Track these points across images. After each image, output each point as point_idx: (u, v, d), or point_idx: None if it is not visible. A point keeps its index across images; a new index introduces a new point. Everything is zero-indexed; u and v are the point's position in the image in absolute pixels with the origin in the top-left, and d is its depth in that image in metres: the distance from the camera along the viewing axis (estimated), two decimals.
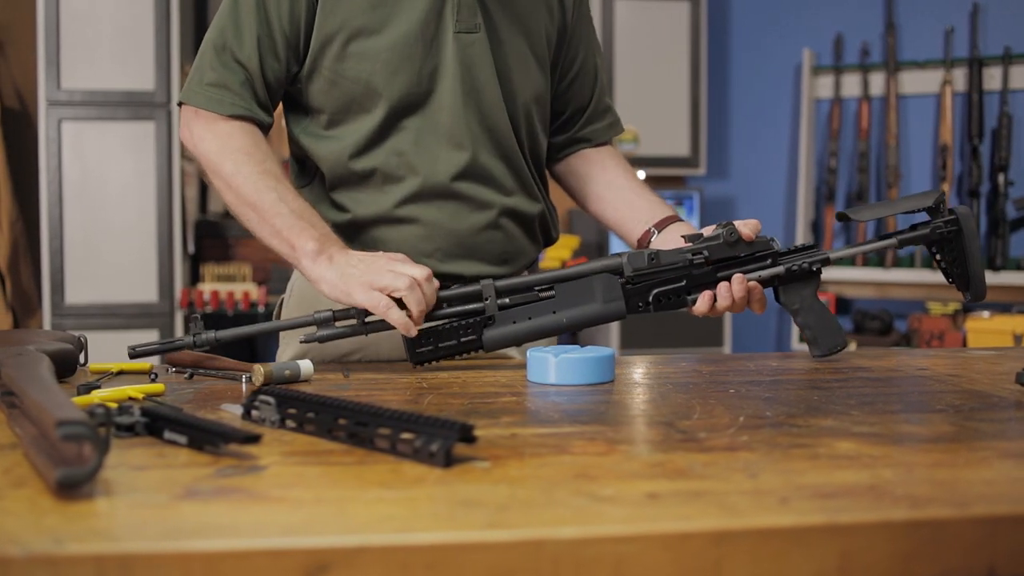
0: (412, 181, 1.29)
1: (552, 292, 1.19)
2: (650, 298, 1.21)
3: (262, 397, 0.86)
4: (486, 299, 1.18)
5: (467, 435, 0.72)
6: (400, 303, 1.13)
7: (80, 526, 0.56)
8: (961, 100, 3.80)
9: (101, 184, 3.45)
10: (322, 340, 1.17)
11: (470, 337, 1.19)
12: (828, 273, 4.04)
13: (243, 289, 3.64)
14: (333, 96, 1.30)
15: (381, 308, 1.12)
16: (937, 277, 3.78)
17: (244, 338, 1.17)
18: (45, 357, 0.96)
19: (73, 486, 0.61)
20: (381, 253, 1.18)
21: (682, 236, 1.26)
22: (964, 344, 3.66)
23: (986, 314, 3.62)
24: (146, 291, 3.50)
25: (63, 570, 0.52)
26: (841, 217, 1.31)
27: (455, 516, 0.59)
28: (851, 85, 4.02)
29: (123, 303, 3.48)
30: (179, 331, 3.53)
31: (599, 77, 1.49)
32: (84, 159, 3.44)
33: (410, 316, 1.13)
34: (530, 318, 1.18)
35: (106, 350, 3.24)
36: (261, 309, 3.62)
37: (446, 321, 1.19)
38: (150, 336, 3.46)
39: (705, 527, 0.58)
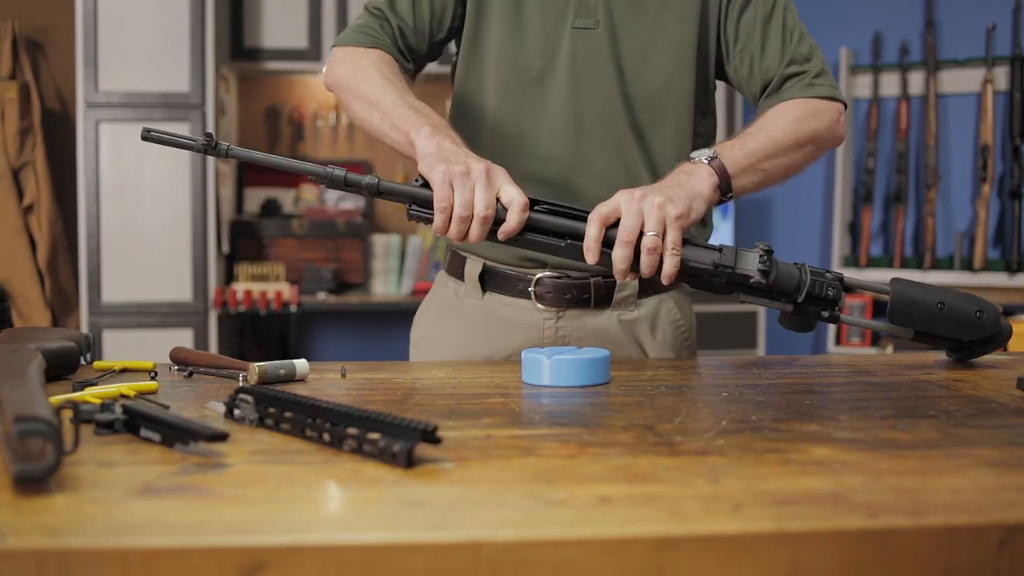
0: (512, 162, 1.30)
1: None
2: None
3: (242, 396, 0.87)
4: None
5: (430, 437, 0.72)
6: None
7: (28, 521, 0.57)
8: (1003, 99, 3.72)
9: (137, 184, 3.51)
10: (328, 186, 1.17)
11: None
12: (864, 276, 3.98)
13: (276, 288, 3.68)
14: (462, 72, 1.40)
15: (439, 206, 1.11)
16: (976, 280, 3.72)
17: (256, 163, 1.18)
18: (38, 355, 0.97)
19: (30, 481, 0.62)
20: (489, 167, 1.14)
21: (719, 250, 1.16)
22: (1004, 348, 3.57)
23: None
24: (180, 290, 3.55)
25: (3, 564, 0.53)
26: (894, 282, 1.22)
27: (399, 517, 0.59)
28: (890, 84, 3.95)
29: (158, 302, 3.54)
30: (213, 331, 3.58)
31: (785, 42, 1.34)
32: (121, 160, 3.50)
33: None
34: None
35: (140, 348, 3.31)
36: (293, 308, 3.66)
37: None
38: (184, 335, 3.52)
39: (648, 532, 0.57)
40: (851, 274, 3.95)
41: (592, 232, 1.11)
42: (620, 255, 1.11)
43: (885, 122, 3.99)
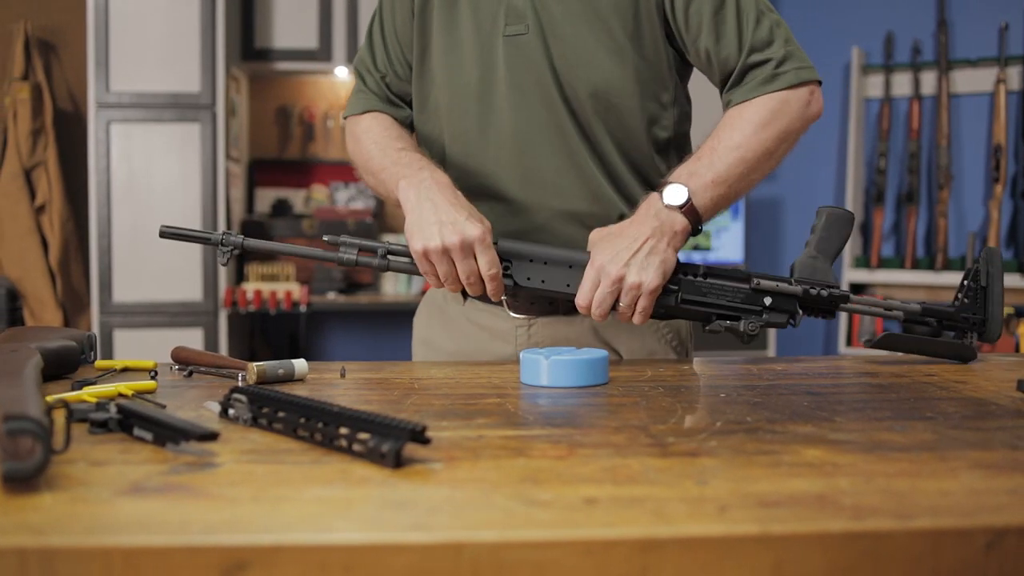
0: (464, 182, 1.31)
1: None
2: None
3: (235, 396, 0.87)
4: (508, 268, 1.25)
5: (419, 437, 0.72)
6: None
7: (13, 519, 0.58)
8: (1015, 99, 3.70)
9: (148, 184, 3.53)
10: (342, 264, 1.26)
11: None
12: (877, 276, 3.97)
13: (286, 288, 3.69)
14: (417, 102, 1.42)
15: (424, 274, 1.23)
16: None
17: (268, 251, 1.24)
18: (36, 354, 0.98)
19: (19, 480, 0.63)
20: (463, 239, 1.19)
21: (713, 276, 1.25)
22: (1016, 349, 3.55)
23: None
24: (191, 290, 3.57)
25: None
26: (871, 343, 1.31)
27: (383, 517, 0.59)
28: (902, 84, 3.93)
29: (168, 302, 3.55)
30: (223, 330, 3.59)
31: (742, 29, 1.28)
32: (131, 160, 3.52)
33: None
34: (543, 281, 1.25)
35: (150, 348, 3.33)
36: (303, 308, 3.67)
37: None
38: (194, 335, 3.53)
39: (632, 534, 0.57)
40: (862, 275, 3.94)
41: (582, 312, 1.22)
42: (595, 317, 1.21)
43: (897, 122, 3.98)
